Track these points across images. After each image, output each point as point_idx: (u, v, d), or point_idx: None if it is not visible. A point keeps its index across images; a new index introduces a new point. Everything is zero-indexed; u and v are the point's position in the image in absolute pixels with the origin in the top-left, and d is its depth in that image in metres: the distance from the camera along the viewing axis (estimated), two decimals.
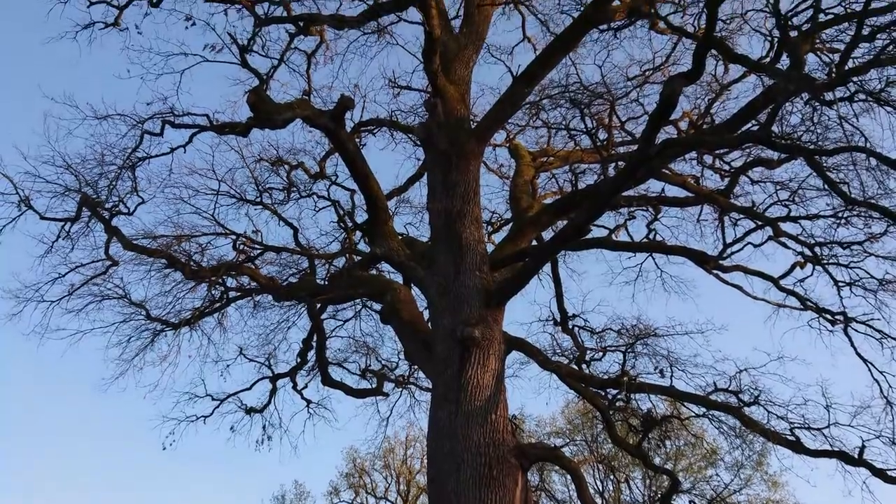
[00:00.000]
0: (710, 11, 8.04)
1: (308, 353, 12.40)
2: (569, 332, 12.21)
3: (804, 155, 8.07)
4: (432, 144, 10.72)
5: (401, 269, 10.55)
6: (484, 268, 9.67)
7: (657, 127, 8.81)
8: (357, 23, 11.79)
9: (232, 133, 10.50)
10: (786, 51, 8.38)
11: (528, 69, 10.63)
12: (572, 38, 10.29)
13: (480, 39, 12.19)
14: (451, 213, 10.00)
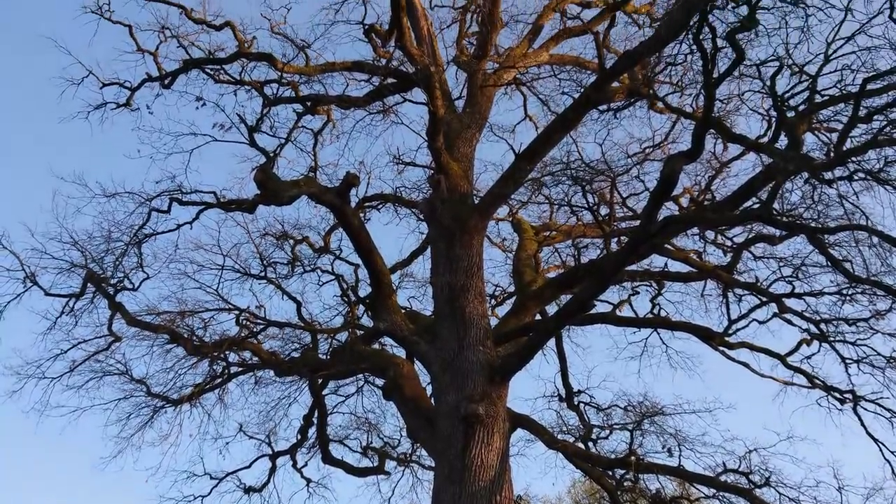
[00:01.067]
0: (707, 93, 8.25)
1: (309, 429, 12.21)
2: (574, 408, 12.03)
3: (806, 233, 8.13)
4: (436, 219, 10.82)
5: (404, 344, 10.50)
6: (487, 342, 9.62)
7: (658, 204, 8.92)
8: (363, 103, 12.14)
9: (238, 210, 10.65)
10: (784, 131, 8.53)
11: (529, 147, 10.81)
12: (573, 117, 10.50)
13: (483, 118, 12.47)
14: (455, 288, 10.00)
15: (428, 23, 13.36)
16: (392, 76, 11.85)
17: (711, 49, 8.08)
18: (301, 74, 11.82)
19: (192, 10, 11.91)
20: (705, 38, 8.09)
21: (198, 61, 11.31)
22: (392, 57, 12.57)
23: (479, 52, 12.95)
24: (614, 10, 12.14)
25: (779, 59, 8.53)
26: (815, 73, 8.72)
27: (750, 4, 7.60)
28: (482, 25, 12.91)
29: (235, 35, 11.76)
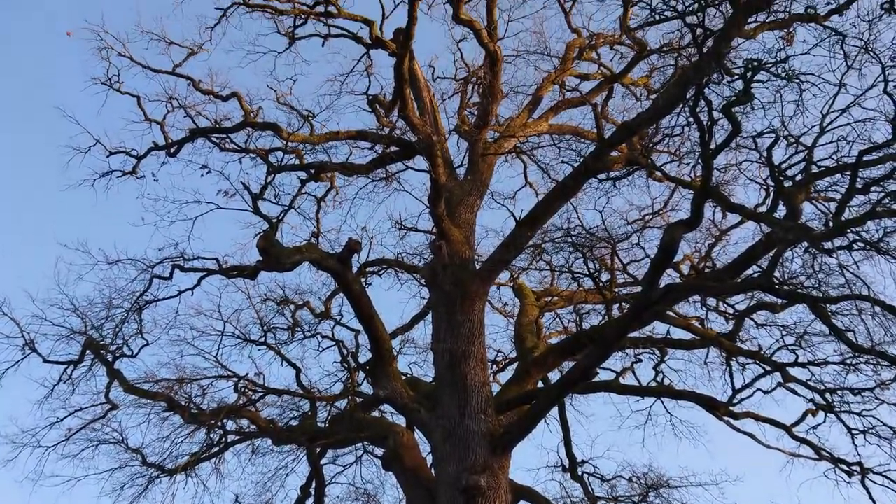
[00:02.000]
0: (705, 163, 8.37)
1: (306, 500, 11.91)
2: (578, 479, 11.77)
3: (807, 302, 8.13)
4: (437, 285, 10.84)
5: (404, 412, 10.37)
6: (489, 411, 9.51)
7: (659, 272, 8.96)
8: (366, 170, 12.30)
9: (240, 276, 10.67)
10: (782, 200, 8.61)
11: (530, 214, 10.93)
12: (572, 185, 10.64)
13: (484, 186, 12.62)
14: (456, 354, 9.95)
15: (430, 94, 13.66)
16: (395, 144, 12.05)
17: (708, 121, 8.26)
18: (306, 143, 12.03)
19: (200, 81, 12.27)
20: (702, 110, 8.28)
21: (204, 130, 11.54)
22: (395, 126, 12.82)
23: (480, 121, 13.20)
24: (612, 83, 12.46)
25: (775, 130, 8.69)
26: (811, 144, 8.88)
27: (745, 80, 7.78)
28: (483, 96, 13.19)
29: (242, 105, 12.04)
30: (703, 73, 8.08)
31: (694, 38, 8.47)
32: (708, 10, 8.81)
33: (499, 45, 12.86)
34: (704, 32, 8.33)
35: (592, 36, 13.67)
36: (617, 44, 13.69)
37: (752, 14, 8.59)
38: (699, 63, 8.12)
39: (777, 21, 8.99)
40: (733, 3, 8.45)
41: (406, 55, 11.74)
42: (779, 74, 8.22)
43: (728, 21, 8.41)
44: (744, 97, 7.85)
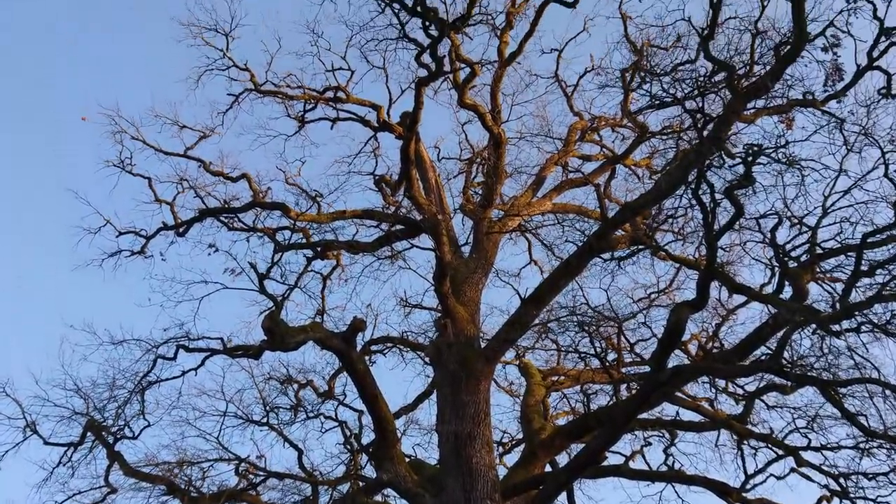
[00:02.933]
0: (709, 245, 8.42)
1: None
2: None
3: (817, 385, 8.03)
4: (442, 364, 10.75)
5: (407, 497, 10.09)
6: (496, 496, 9.26)
7: (667, 352, 8.89)
8: (372, 248, 12.38)
9: (244, 356, 10.63)
10: (788, 281, 8.62)
11: (535, 293, 10.92)
12: (577, 264, 10.66)
13: (489, 264, 12.67)
14: (461, 436, 9.77)
15: (435, 173, 13.91)
16: (400, 223, 12.17)
17: (711, 203, 8.34)
18: (313, 222, 12.16)
19: (211, 163, 12.55)
20: (704, 193, 8.38)
21: (213, 210, 11.71)
22: (401, 205, 13.01)
23: (484, 200, 13.36)
24: (614, 164, 12.67)
25: (777, 212, 8.77)
26: (815, 226, 8.94)
27: (746, 164, 7.91)
28: (487, 176, 13.41)
29: (251, 186, 12.26)
30: (704, 156, 8.22)
31: (694, 122, 8.66)
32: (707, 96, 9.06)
33: (503, 127, 13.16)
34: (704, 117, 8.52)
35: (594, 119, 14.00)
36: (618, 126, 14.00)
37: (751, 100, 8.81)
38: (700, 147, 8.27)
39: (776, 107, 9.19)
40: (732, 89, 8.68)
41: (412, 138, 12.01)
42: (779, 160, 8.36)
43: (727, 107, 8.62)
44: (745, 181, 7.96)
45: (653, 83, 9.69)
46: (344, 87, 13.61)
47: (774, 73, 8.54)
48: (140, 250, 11.61)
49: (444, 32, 10.96)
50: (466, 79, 12.66)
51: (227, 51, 13.10)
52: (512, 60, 13.24)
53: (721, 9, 9.37)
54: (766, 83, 8.44)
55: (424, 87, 11.61)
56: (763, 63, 9.26)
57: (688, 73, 9.73)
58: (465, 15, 11.55)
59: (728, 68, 8.87)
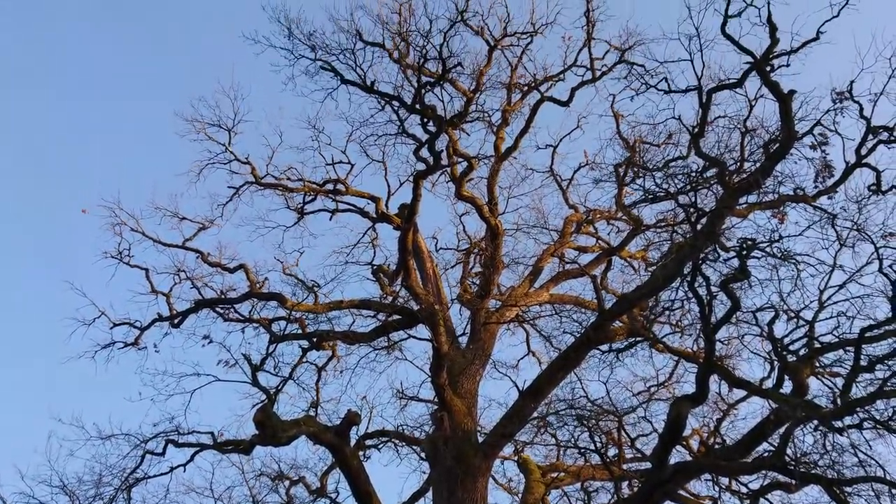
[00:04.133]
0: (707, 338, 8.38)
1: None
2: None
3: (822, 484, 7.82)
4: (438, 460, 10.49)
5: None
6: None
7: (668, 448, 8.71)
8: (368, 339, 12.29)
9: (235, 451, 10.38)
10: (787, 375, 8.54)
11: (533, 385, 10.80)
12: (575, 357, 10.59)
13: (486, 355, 12.57)
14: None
15: (433, 264, 13.99)
16: (398, 313, 12.14)
17: (707, 296, 8.37)
18: (309, 312, 12.13)
19: (209, 254, 12.64)
20: (700, 285, 8.41)
21: (209, 301, 11.70)
22: (398, 295, 13.00)
23: (481, 291, 13.38)
24: (609, 256, 12.76)
25: (774, 306, 8.77)
26: (812, 320, 8.93)
27: (740, 258, 7.97)
28: (485, 267, 13.49)
29: (248, 276, 12.30)
30: (698, 250, 8.30)
31: (688, 216, 8.79)
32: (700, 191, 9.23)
33: (499, 219, 13.34)
34: (697, 212, 8.65)
35: (589, 211, 14.21)
36: (613, 219, 14.19)
37: (743, 195, 8.97)
38: (694, 240, 8.36)
39: (768, 202, 9.35)
40: (724, 184, 8.86)
41: (410, 229, 12.17)
42: (773, 254, 8.43)
43: (720, 202, 8.77)
44: (740, 275, 8.01)
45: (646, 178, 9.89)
46: (343, 179, 13.88)
47: (765, 169, 8.75)
48: (134, 342, 11.54)
49: (441, 128, 11.29)
50: (464, 172, 12.93)
51: (230, 145, 13.44)
52: (508, 155, 13.58)
53: (710, 108, 9.69)
54: (758, 179, 8.62)
55: (423, 179, 11.85)
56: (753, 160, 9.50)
57: (680, 169, 9.95)
58: (463, 112, 11.94)
59: (719, 164, 9.08)
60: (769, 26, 9.35)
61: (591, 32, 12.86)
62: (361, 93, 11.50)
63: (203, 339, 10.86)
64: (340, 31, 11.22)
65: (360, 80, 11.28)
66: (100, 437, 10.48)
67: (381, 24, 11.61)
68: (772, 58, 9.33)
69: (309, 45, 11.03)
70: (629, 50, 12.68)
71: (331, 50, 11.05)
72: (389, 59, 11.86)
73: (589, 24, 12.81)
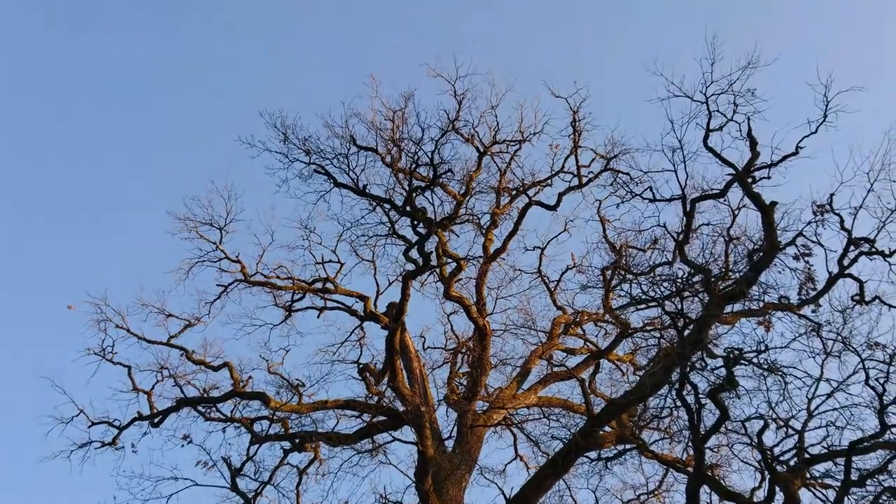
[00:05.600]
0: (696, 447, 8.28)
1: None
2: None
3: None
4: None
5: None
6: None
7: None
8: (352, 440, 12.04)
9: None
10: (778, 487, 8.38)
11: (521, 493, 10.53)
12: (564, 463, 10.38)
13: (473, 459, 12.28)
14: None
15: (420, 364, 13.87)
16: (383, 414, 11.96)
17: (695, 405, 8.31)
18: (293, 412, 11.92)
19: (194, 351, 12.50)
20: (688, 393, 8.37)
21: (191, 400, 11.51)
22: (384, 395, 12.81)
23: (469, 392, 13.21)
24: (597, 359, 12.73)
25: (763, 416, 8.72)
26: (801, 429, 8.86)
27: (728, 367, 7.98)
28: (472, 367, 13.37)
29: (232, 375, 12.14)
30: (686, 357, 8.31)
31: (674, 323, 8.83)
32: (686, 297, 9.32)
33: (487, 319, 13.34)
34: (684, 319, 8.71)
35: (577, 313, 14.24)
36: (601, 321, 14.21)
37: (729, 303, 9.07)
38: (681, 348, 8.38)
39: (753, 310, 9.44)
40: (710, 292, 8.97)
41: (398, 328, 12.13)
42: (760, 365, 8.45)
43: (706, 309, 8.85)
44: (728, 384, 8.01)
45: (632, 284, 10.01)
46: (333, 278, 13.93)
47: (749, 279, 8.89)
48: (111, 441, 11.25)
49: (431, 231, 11.46)
50: (452, 272, 13.02)
51: (221, 243, 13.53)
52: (496, 257, 13.72)
53: (694, 217, 9.94)
54: (742, 288, 8.75)
55: (411, 280, 11.92)
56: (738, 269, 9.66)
57: (666, 275, 10.09)
58: (453, 215, 12.15)
59: (704, 272, 9.23)
60: (750, 140, 9.74)
61: (578, 141, 13.29)
62: (353, 195, 11.74)
63: (183, 440, 10.61)
64: (335, 136, 11.57)
65: (352, 183, 11.53)
66: None
67: (374, 130, 11.97)
68: (753, 170, 9.66)
69: (304, 150, 11.33)
70: (614, 158, 13.08)
71: (325, 154, 11.36)
72: (382, 163, 12.14)
73: (575, 133, 13.24)
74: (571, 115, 13.12)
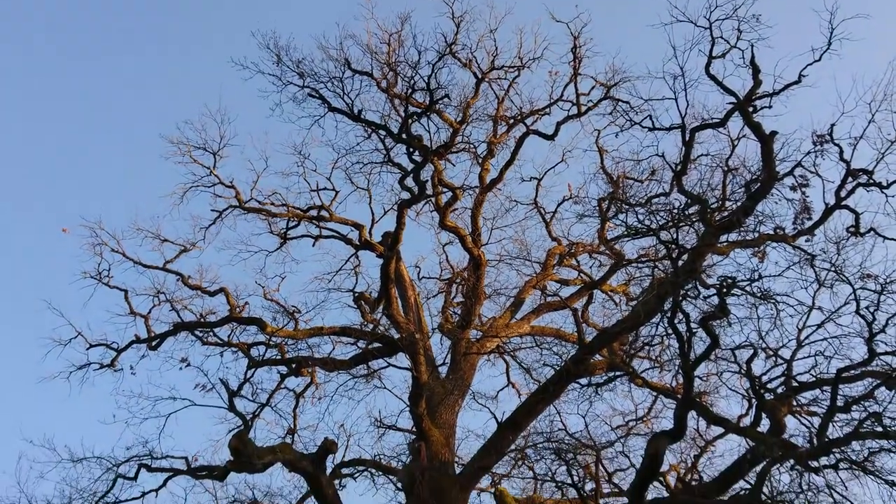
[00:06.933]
0: (686, 374, 8.41)
1: None
2: None
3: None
4: (415, 491, 10.37)
5: None
6: None
7: (646, 484, 8.70)
8: (348, 366, 12.22)
9: (209, 477, 10.21)
10: (765, 413, 8.58)
11: (512, 417, 10.77)
12: (554, 390, 10.58)
13: (466, 385, 12.51)
14: None
15: (415, 293, 13.96)
16: (378, 341, 12.09)
17: (686, 333, 8.41)
18: (289, 338, 12.04)
19: (189, 276, 12.54)
20: (680, 322, 8.45)
21: (188, 324, 11.60)
22: (379, 323, 12.94)
23: (463, 321, 13.35)
24: (591, 290, 12.81)
25: (752, 344, 8.83)
26: (790, 358, 9.00)
27: (720, 296, 8.04)
28: (467, 297, 13.47)
29: (228, 300, 12.20)
30: (679, 287, 8.36)
31: (669, 253, 8.86)
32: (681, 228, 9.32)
33: (482, 250, 13.37)
34: (679, 248, 8.73)
35: (572, 245, 14.28)
36: (595, 253, 14.27)
37: (724, 233, 9.07)
38: (675, 277, 8.42)
39: (748, 240, 9.45)
40: (705, 222, 8.96)
41: (393, 257, 12.15)
42: (753, 293, 8.51)
43: (701, 239, 8.86)
44: (720, 313, 8.07)
45: (628, 214, 9.98)
46: (328, 206, 13.88)
47: (746, 208, 8.86)
48: (110, 363, 11.38)
49: (427, 158, 11.34)
50: (448, 202, 12.97)
51: (214, 168, 13.42)
52: (492, 187, 13.65)
53: (693, 146, 9.84)
54: (738, 218, 8.73)
55: (407, 208, 11.87)
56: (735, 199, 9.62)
57: (662, 206, 10.06)
58: (449, 143, 12.01)
59: (701, 202, 9.19)
60: (752, 68, 9.56)
61: (578, 68, 13.05)
62: (348, 121, 11.56)
63: (181, 363, 10.75)
64: (329, 59, 11.31)
65: (347, 108, 11.34)
66: (71, 460, 10.30)
67: (370, 53, 11.72)
68: (754, 99, 9.52)
69: (297, 73, 11.11)
70: (615, 87, 12.88)
71: (319, 77, 11.13)
72: (377, 88, 11.94)
73: (576, 60, 12.99)
74: (572, 41, 12.86)
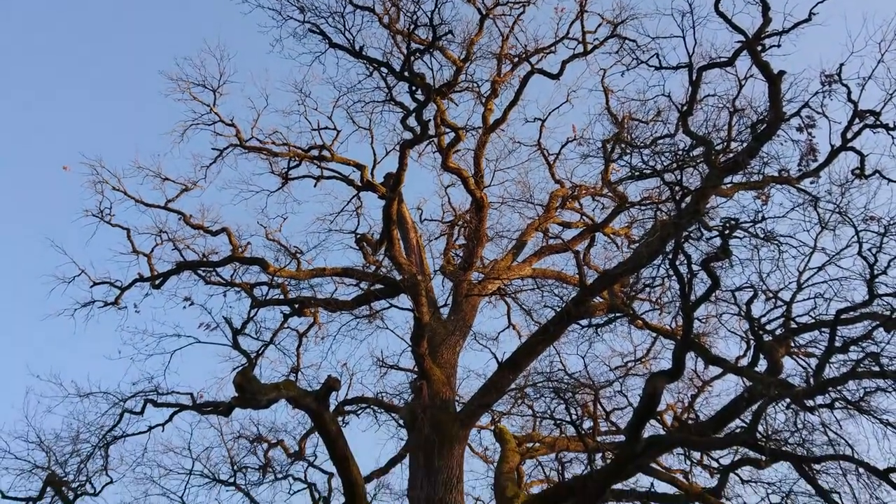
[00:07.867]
0: (686, 315, 8.46)
1: None
2: None
3: (791, 461, 7.99)
4: (416, 428, 10.59)
5: None
6: None
7: (642, 422, 8.83)
8: (350, 307, 12.31)
9: (214, 413, 10.40)
10: (763, 354, 8.66)
11: (512, 357, 10.89)
12: (555, 331, 10.67)
13: (467, 326, 12.63)
14: (433, 503, 9.57)
15: (417, 234, 13.97)
16: (380, 282, 12.15)
17: (687, 274, 8.43)
18: (291, 279, 12.11)
19: (191, 216, 12.52)
20: (681, 263, 8.47)
21: (191, 264, 11.64)
22: (381, 264, 12.99)
23: (465, 263, 13.41)
24: (593, 232, 12.81)
25: (753, 286, 8.86)
26: (790, 300, 9.03)
27: (723, 237, 8.03)
28: (468, 239, 13.49)
29: (231, 240, 12.21)
30: (682, 228, 8.34)
31: (672, 194, 8.81)
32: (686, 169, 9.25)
33: (485, 192, 13.32)
34: (682, 190, 8.68)
35: (575, 187, 14.22)
36: (598, 195, 14.22)
37: (729, 175, 9.00)
38: (678, 219, 8.40)
39: (752, 182, 9.39)
40: (710, 164, 8.88)
41: (395, 198, 12.11)
42: (756, 234, 8.49)
43: (705, 181, 8.80)
44: (722, 254, 8.07)
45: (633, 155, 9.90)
46: (329, 146, 13.76)
47: (751, 149, 8.77)
48: (114, 301, 11.47)
49: (430, 97, 11.18)
50: (451, 143, 12.86)
51: (214, 106, 13.27)
52: (496, 127, 13.51)
53: (700, 86, 9.69)
54: (743, 159, 8.65)
55: (409, 149, 11.77)
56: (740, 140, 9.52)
57: (667, 147, 9.96)
58: (452, 82, 11.82)
59: (706, 143, 9.09)
60: (762, 5, 9.33)
61: (585, 4, 12.77)
62: (349, 58, 11.36)
63: (184, 301, 10.84)
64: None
65: (348, 44, 11.12)
66: (78, 395, 10.49)
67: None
68: (763, 37, 9.32)
69: (298, 6, 10.85)
70: (622, 24, 12.62)
71: (320, 12, 10.87)
72: (379, 24, 11.69)
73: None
74: None
